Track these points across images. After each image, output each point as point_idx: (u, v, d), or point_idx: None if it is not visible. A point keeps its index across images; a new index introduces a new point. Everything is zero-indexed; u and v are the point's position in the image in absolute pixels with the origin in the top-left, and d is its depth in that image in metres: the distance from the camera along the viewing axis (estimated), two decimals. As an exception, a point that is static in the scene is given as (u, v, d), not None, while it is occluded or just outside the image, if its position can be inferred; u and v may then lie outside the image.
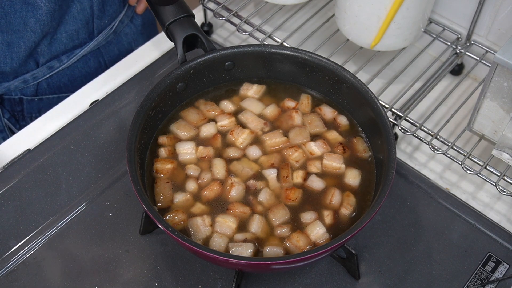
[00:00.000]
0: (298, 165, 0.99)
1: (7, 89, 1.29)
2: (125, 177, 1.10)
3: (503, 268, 1.00)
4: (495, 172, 1.03)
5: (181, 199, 0.95)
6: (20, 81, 1.29)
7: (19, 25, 1.19)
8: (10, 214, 1.06)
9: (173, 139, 1.02)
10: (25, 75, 1.29)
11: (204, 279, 0.98)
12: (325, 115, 1.06)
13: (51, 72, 1.31)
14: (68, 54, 1.32)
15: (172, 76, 1.01)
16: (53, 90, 1.35)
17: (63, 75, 1.34)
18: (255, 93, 1.09)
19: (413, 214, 1.06)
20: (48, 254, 1.01)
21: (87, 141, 1.16)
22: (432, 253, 1.01)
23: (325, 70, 1.03)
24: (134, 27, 1.44)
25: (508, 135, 0.98)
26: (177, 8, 1.03)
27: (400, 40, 1.17)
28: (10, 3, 1.16)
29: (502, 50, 0.91)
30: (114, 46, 1.41)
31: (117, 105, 1.21)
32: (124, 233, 1.03)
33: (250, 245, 0.90)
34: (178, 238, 0.83)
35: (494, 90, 0.96)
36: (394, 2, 1.07)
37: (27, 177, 1.10)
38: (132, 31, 1.44)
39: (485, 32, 1.20)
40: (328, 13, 1.32)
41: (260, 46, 1.06)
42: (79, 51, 1.33)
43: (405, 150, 1.17)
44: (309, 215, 0.93)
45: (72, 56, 1.32)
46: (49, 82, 1.33)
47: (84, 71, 1.37)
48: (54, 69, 1.31)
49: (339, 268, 1.00)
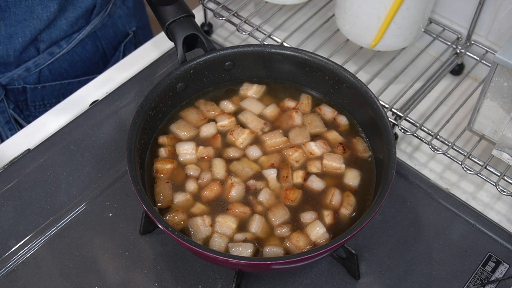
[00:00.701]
0: (298, 165, 0.99)
1: (10, 78, 1.30)
2: (125, 177, 1.10)
3: (503, 268, 1.00)
4: (495, 172, 1.03)
5: (181, 199, 0.95)
6: (23, 69, 1.30)
7: (25, 14, 1.20)
8: (10, 214, 1.06)
9: (173, 139, 1.02)
10: (27, 63, 1.30)
11: (204, 279, 0.98)
12: (325, 115, 1.06)
13: (52, 58, 1.32)
14: (67, 39, 1.33)
15: (172, 76, 1.01)
16: (55, 77, 1.36)
17: (63, 60, 1.35)
18: (255, 93, 1.09)
19: (413, 214, 1.06)
20: (48, 254, 1.01)
21: (87, 141, 1.16)
22: (432, 253, 1.01)
23: (325, 70, 1.03)
24: (127, 8, 1.45)
25: (508, 135, 0.98)
26: (177, 8, 1.03)
27: (400, 40, 1.17)
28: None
29: (502, 50, 0.91)
30: (110, 29, 1.42)
31: (117, 105, 1.21)
32: (124, 233, 1.03)
33: (249, 245, 0.90)
34: (178, 238, 0.83)
35: (494, 90, 0.96)
36: (394, 2, 1.07)
37: (27, 177, 1.10)
38: (125, 12, 1.45)
39: (485, 32, 1.20)
40: (328, 13, 1.32)
41: (260, 46, 1.06)
42: (77, 35, 1.34)
43: (405, 150, 1.17)
44: (309, 215, 0.93)
45: (70, 41, 1.33)
46: (50, 68, 1.34)
47: (83, 56, 1.39)
48: (54, 55, 1.32)
49: (339, 268, 1.00)
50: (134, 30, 1.48)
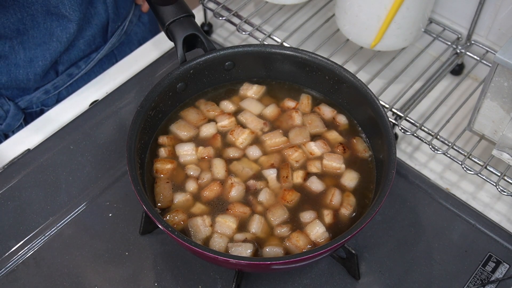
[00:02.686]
0: (298, 165, 0.99)
1: (29, 102, 1.29)
2: (125, 177, 1.10)
3: (503, 268, 1.00)
4: (495, 172, 1.03)
5: (181, 199, 0.95)
6: (42, 92, 1.29)
7: (44, 37, 1.19)
8: (10, 214, 1.06)
9: (173, 139, 1.02)
10: (46, 85, 1.28)
11: (204, 279, 0.98)
12: (324, 114, 1.06)
13: (70, 79, 1.31)
14: (85, 60, 1.32)
15: (172, 76, 1.01)
16: None
17: (81, 81, 1.33)
18: (255, 94, 1.08)
19: (413, 214, 1.06)
20: (48, 254, 1.01)
21: (87, 141, 1.16)
22: (432, 253, 1.01)
23: (325, 70, 1.03)
24: (143, 25, 1.45)
25: (508, 135, 0.98)
26: (177, 8, 1.03)
27: (400, 40, 1.17)
28: (31, 18, 1.15)
29: (503, 50, 0.90)
30: (126, 47, 1.41)
31: (117, 105, 1.21)
32: (124, 233, 1.03)
33: (249, 245, 0.90)
34: (178, 238, 0.83)
35: (494, 90, 0.96)
36: (394, 2, 1.07)
37: (27, 177, 1.10)
38: (141, 29, 1.44)
39: (486, 32, 1.20)
40: (328, 13, 1.31)
41: (260, 46, 1.06)
42: (95, 55, 1.33)
43: (405, 150, 1.17)
44: (308, 214, 0.93)
45: (89, 61, 1.32)
46: (69, 90, 1.32)
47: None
48: (73, 76, 1.31)
49: (339, 268, 1.00)
50: None
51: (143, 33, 1.45)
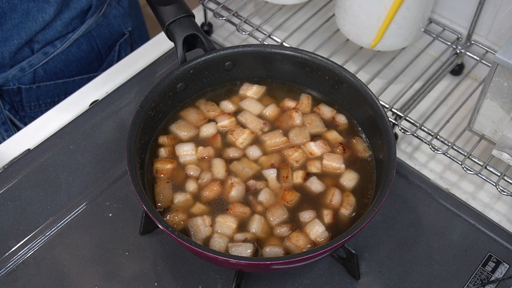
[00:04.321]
0: (298, 165, 0.99)
1: (5, 79, 1.30)
2: (125, 177, 1.10)
3: (503, 268, 1.00)
4: (495, 172, 1.03)
5: (181, 199, 0.95)
6: (17, 70, 1.30)
7: (21, 17, 1.20)
8: (10, 214, 1.06)
9: (173, 139, 1.02)
10: (21, 63, 1.29)
11: (204, 279, 0.98)
12: (324, 114, 1.06)
13: (46, 57, 1.32)
14: (61, 39, 1.33)
15: (172, 76, 1.01)
16: (50, 76, 1.36)
17: (58, 60, 1.35)
18: (255, 94, 1.08)
19: (413, 214, 1.06)
20: (48, 254, 1.01)
21: (87, 141, 1.16)
22: (432, 253, 1.01)
23: (325, 70, 1.03)
24: (122, 9, 1.45)
25: (508, 135, 0.98)
26: (177, 8, 1.03)
27: (400, 40, 1.17)
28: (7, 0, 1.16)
29: (502, 50, 0.91)
30: (105, 29, 1.42)
31: (117, 105, 1.21)
32: (124, 233, 1.03)
33: (249, 245, 0.90)
34: (178, 238, 0.83)
35: (494, 90, 0.96)
36: (394, 2, 1.07)
37: (27, 177, 1.10)
38: (120, 13, 1.45)
39: (485, 32, 1.20)
40: (328, 13, 1.32)
41: (260, 46, 1.06)
42: (71, 35, 1.34)
43: (405, 150, 1.17)
44: (308, 214, 0.93)
45: (65, 40, 1.33)
46: (45, 68, 1.34)
47: (78, 55, 1.38)
48: (49, 55, 1.32)
49: (339, 268, 1.00)
50: (129, 30, 1.48)
51: (122, 17, 1.46)
